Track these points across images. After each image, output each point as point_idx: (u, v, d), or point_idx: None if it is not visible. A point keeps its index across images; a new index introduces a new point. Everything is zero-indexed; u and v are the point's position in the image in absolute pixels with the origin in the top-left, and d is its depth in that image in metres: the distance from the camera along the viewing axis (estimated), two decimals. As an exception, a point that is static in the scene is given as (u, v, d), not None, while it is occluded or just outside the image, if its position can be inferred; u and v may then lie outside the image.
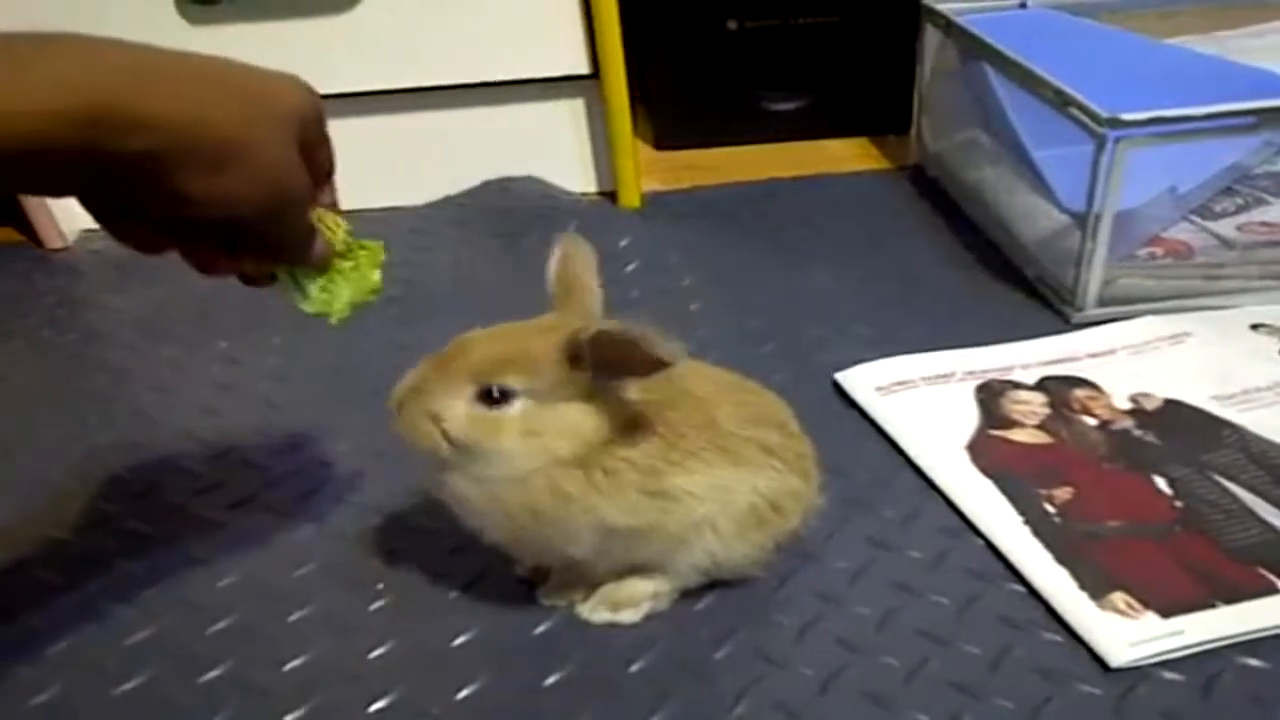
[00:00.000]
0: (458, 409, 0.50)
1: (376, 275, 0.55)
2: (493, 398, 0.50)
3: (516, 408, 0.50)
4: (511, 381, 0.50)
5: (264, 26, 1.00)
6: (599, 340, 0.48)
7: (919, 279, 0.93)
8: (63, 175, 0.40)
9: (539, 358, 0.50)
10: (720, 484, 0.54)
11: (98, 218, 0.46)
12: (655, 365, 0.47)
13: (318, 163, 0.49)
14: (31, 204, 1.07)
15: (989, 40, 0.93)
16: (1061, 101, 0.80)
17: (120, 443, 0.77)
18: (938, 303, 0.89)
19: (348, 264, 0.54)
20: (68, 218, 1.11)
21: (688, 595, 0.59)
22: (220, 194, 0.41)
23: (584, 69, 1.04)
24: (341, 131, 1.19)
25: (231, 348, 0.89)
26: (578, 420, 0.51)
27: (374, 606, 0.61)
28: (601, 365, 0.49)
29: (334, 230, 0.52)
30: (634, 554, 0.56)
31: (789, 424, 0.58)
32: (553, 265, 0.55)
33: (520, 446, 0.50)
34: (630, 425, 0.52)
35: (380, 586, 0.62)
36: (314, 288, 0.53)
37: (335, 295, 0.53)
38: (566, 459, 0.50)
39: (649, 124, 1.24)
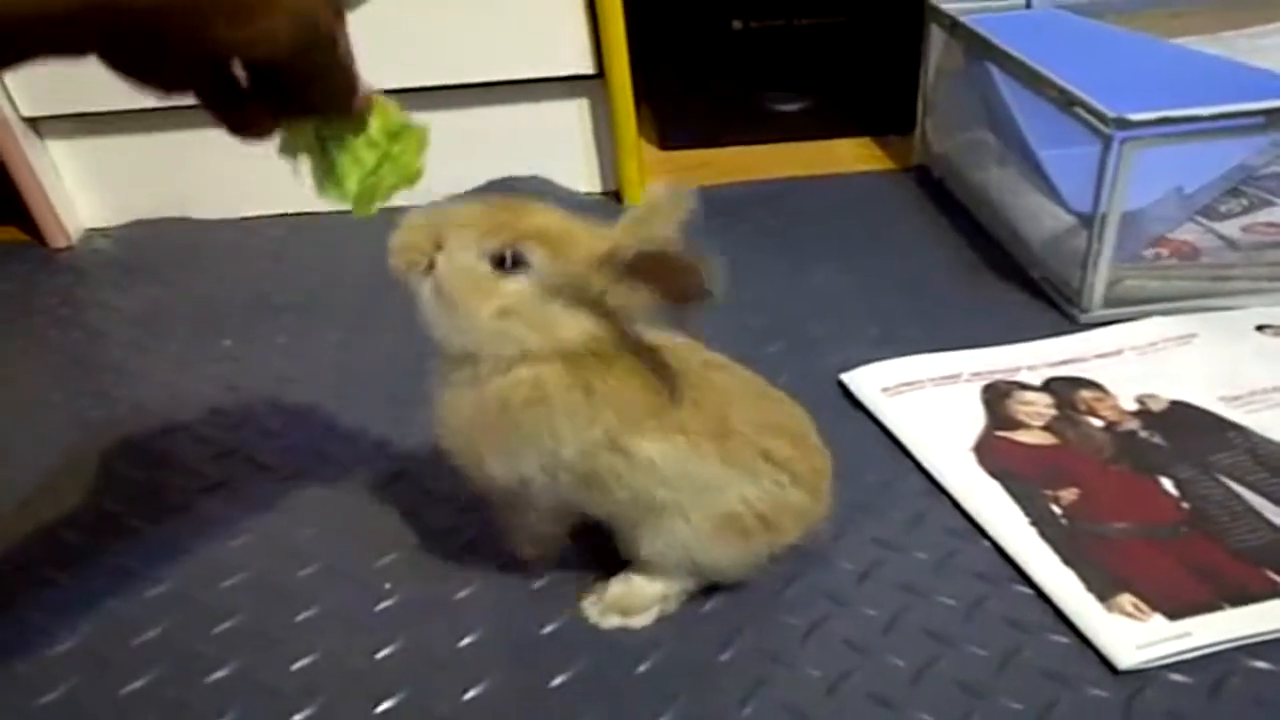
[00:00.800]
0: (463, 254, 0.48)
1: (421, 161, 0.51)
2: (503, 263, 0.48)
3: (518, 284, 0.48)
4: (532, 254, 0.48)
5: (268, 25, 1.00)
6: (651, 251, 0.46)
7: (924, 279, 0.93)
8: (83, 35, 0.38)
9: (576, 247, 0.48)
10: (698, 475, 0.52)
11: (125, 75, 0.42)
12: (692, 292, 0.46)
13: None
14: (36, 203, 1.07)
15: (994, 40, 0.92)
16: (1067, 102, 0.80)
17: (124, 441, 0.77)
18: (943, 303, 0.89)
19: (397, 148, 0.49)
20: (71, 217, 1.11)
21: (695, 596, 0.59)
22: (247, 36, 0.39)
23: (589, 69, 1.04)
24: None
25: (235, 346, 0.89)
26: (566, 322, 0.49)
27: (381, 606, 0.61)
28: (638, 274, 0.47)
29: (389, 110, 0.49)
30: (581, 502, 0.54)
31: (808, 436, 0.57)
32: (649, 193, 0.52)
33: (491, 322, 0.48)
34: (633, 365, 0.50)
35: (387, 586, 0.62)
36: (353, 174, 0.49)
37: (381, 181, 0.49)
38: (535, 353, 0.49)
39: (654, 124, 1.24)
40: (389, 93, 0.48)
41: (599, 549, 0.58)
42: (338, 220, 1.11)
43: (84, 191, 1.12)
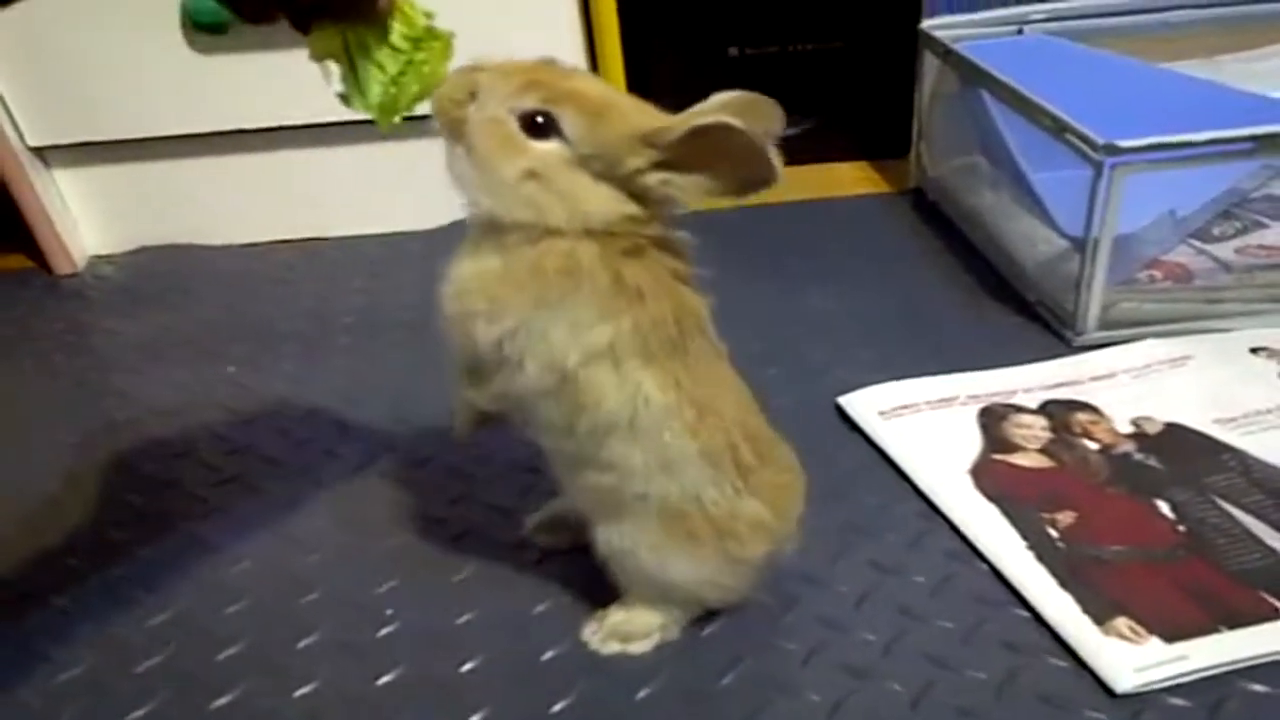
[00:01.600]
0: (493, 107, 0.46)
1: (445, 69, 0.49)
2: (534, 123, 0.45)
3: (545, 147, 0.46)
4: (564, 118, 0.45)
5: (270, 56, 1.01)
6: (712, 125, 0.43)
7: (921, 302, 0.93)
8: None
9: (615, 119, 0.46)
10: (667, 443, 0.50)
11: None
12: (754, 174, 0.44)
13: None
14: (42, 230, 1.09)
15: (986, 67, 0.94)
16: (1058, 128, 0.81)
17: (128, 467, 0.78)
18: (939, 326, 0.89)
19: (420, 55, 0.47)
20: (77, 244, 1.13)
21: (695, 622, 0.59)
22: None
23: (588, 96, 1.06)
24: (352, 158, 1.21)
25: (239, 372, 0.90)
26: (593, 196, 0.46)
27: (382, 633, 0.61)
28: (692, 154, 0.45)
29: (412, 15, 0.47)
30: (539, 415, 0.51)
31: (777, 452, 0.55)
32: (724, 94, 0.49)
33: (515, 183, 0.46)
34: (663, 278, 0.48)
35: (389, 612, 0.62)
36: (376, 82, 0.47)
37: (403, 89, 0.47)
38: (561, 227, 0.46)
39: (652, 148, 1.25)
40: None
41: (597, 575, 0.58)
42: (340, 246, 1.13)
43: (89, 219, 1.14)
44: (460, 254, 0.51)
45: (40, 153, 1.08)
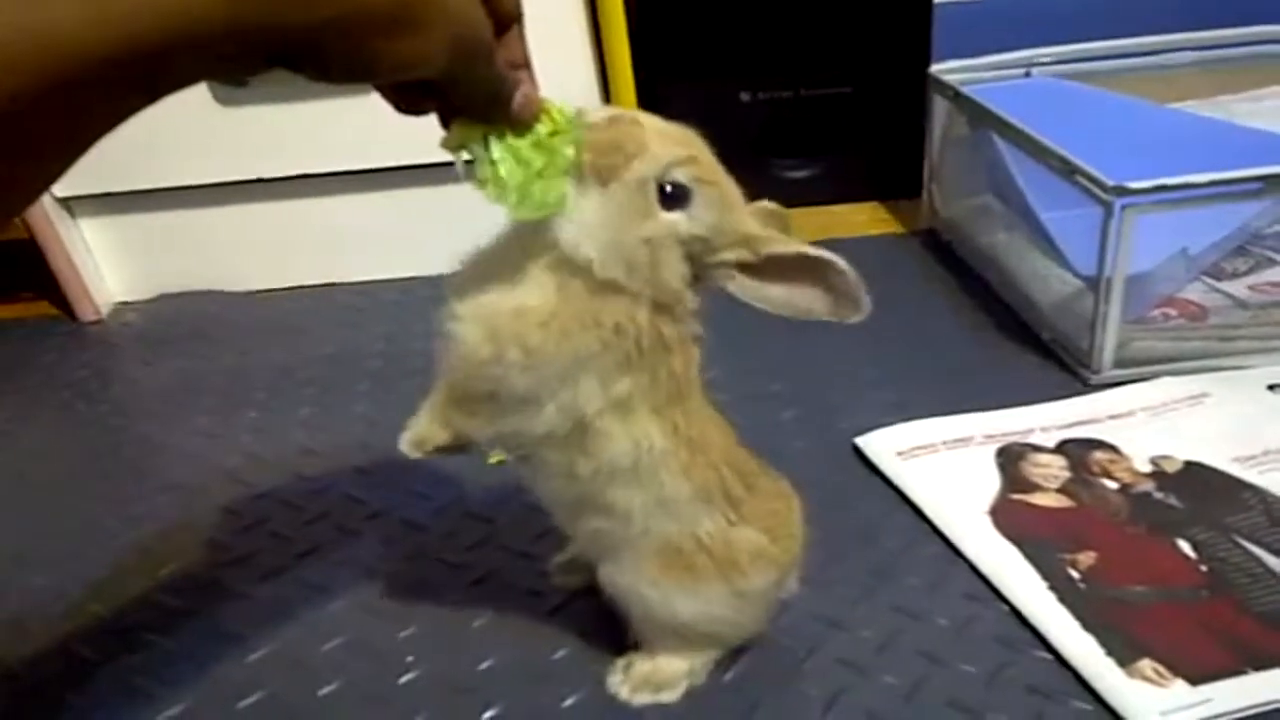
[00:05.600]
0: (650, 171, 0.45)
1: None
2: (668, 193, 0.46)
3: (670, 218, 0.46)
4: (700, 198, 0.46)
5: (292, 107, 1.04)
6: (820, 262, 0.47)
7: (936, 342, 0.94)
8: (234, 61, 0.36)
9: (736, 212, 0.48)
10: (664, 483, 0.50)
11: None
12: (836, 312, 0.48)
13: (500, 5, 0.43)
14: (67, 278, 1.11)
15: (995, 110, 0.95)
16: (1068, 170, 0.82)
17: (150, 515, 0.78)
18: (955, 365, 0.89)
19: (566, 149, 0.45)
20: (101, 291, 1.15)
21: (715, 667, 0.59)
22: (401, 56, 0.37)
23: (602, 142, 1.07)
24: (368, 205, 1.23)
25: (259, 418, 0.91)
26: (676, 274, 0.47)
27: (403, 679, 0.61)
28: (777, 269, 0.47)
29: (556, 114, 0.46)
30: (541, 456, 0.51)
31: (761, 484, 0.55)
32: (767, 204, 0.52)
33: (630, 245, 0.45)
34: (685, 340, 0.49)
35: (410, 659, 0.62)
36: (516, 174, 0.45)
37: (549, 186, 0.46)
38: (634, 290, 0.46)
39: (665, 192, 1.27)
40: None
41: (615, 621, 0.58)
42: (357, 291, 1.14)
43: (113, 266, 1.16)
44: (488, 278, 0.49)
45: (66, 203, 1.10)
